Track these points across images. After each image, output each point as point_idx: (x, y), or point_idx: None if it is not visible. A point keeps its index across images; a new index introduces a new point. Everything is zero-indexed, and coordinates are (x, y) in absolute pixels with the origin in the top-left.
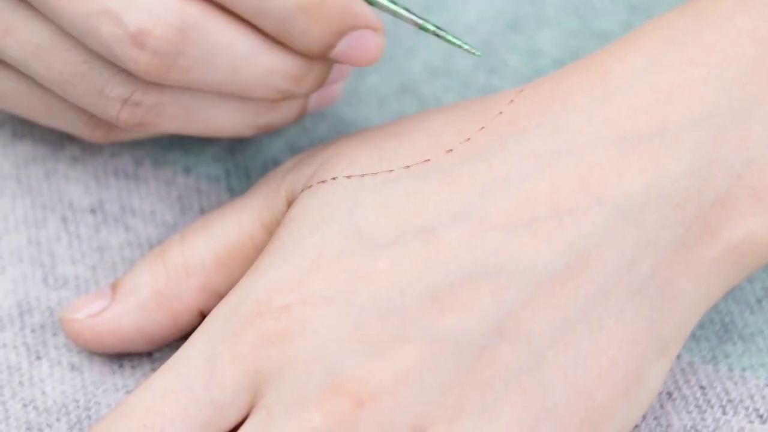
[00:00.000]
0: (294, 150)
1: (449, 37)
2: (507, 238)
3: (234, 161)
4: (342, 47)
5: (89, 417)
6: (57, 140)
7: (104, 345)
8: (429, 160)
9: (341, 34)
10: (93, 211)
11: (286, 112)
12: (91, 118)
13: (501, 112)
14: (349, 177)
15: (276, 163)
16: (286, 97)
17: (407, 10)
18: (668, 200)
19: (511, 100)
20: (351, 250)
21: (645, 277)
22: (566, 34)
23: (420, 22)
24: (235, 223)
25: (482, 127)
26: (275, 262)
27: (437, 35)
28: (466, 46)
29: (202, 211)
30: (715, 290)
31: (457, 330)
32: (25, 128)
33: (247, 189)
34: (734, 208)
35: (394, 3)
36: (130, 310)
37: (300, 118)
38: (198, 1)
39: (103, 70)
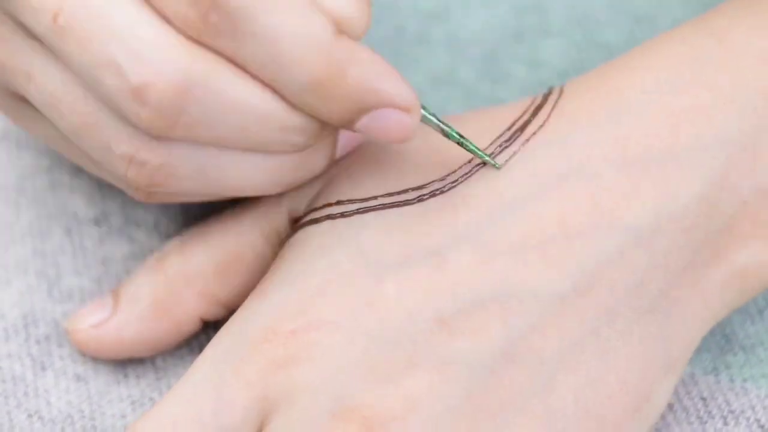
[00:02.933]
0: None
1: (471, 146)
2: (515, 261)
3: None
4: (363, 123)
5: (94, 427)
6: None
7: (108, 353)
8: (434, 181)
9: (361, 112)
10: (97, 222)
11: (313, 166)
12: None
13: (508, 129)
14: (353, 200)
15: None
16: (303, 149)
17: (435, 116)
18: (678, 225)
19: (518, 118)
20: (357, 274)
21: (653, 299)
22: (570, 45)
23: (446, 129)
24: (235, 232)
25: (487, 147)
26: (281, 286)
27: (461, 144)
28: (487, 157)
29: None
30: (719, 311)
31: (467, 354)
32: (29, 139)
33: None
34: (739, 234)
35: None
36: (132, 319)
37: (329, 167)
38: (207, 56)
39: (110, 125)
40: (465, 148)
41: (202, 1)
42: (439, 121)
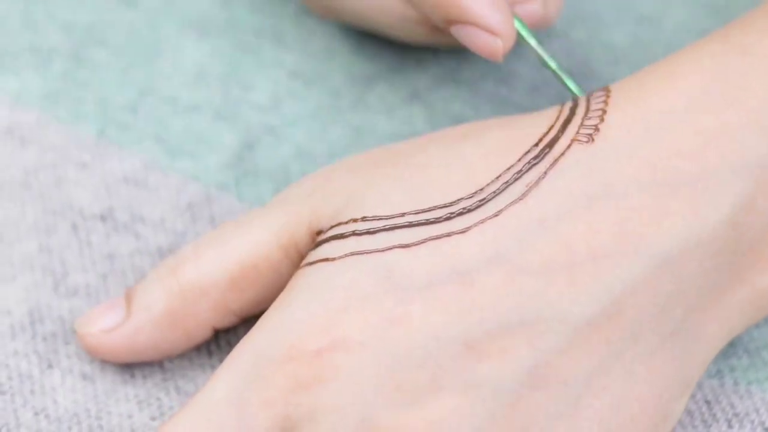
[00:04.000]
0: (304, 156)
1: (567, 80)
2: (543, 284)
3: (243, 168)
4: (455, 30)
5: (100, 426)
6: (66, 146)
7: (118, 358)
8: (462, 199)
9: (450, 23)
10: (103, 218)
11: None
12: None
13: (536, 145)
14: (379, 216)
15: (286, 169)
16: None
17: (537, 42)
18: (705, 249)
19: (546, 133)
20: (383, 293)
21: (677, 322)
22: (574, 45)
23: (545, 57)
24: (252, 242)
25: (512, 165)
26: (304, 302)
27: (556, 74)
28: (579, 92)
29: (213, 219)
30: (737, 328)
31: (493, 378)
32: (34, 135)
33: (257, 196)
34: (761, 256)
35: (527, 31)
36: (145, 327)
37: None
38: None
39: None
40: (559, 79)
41: None
42: (539, 46)
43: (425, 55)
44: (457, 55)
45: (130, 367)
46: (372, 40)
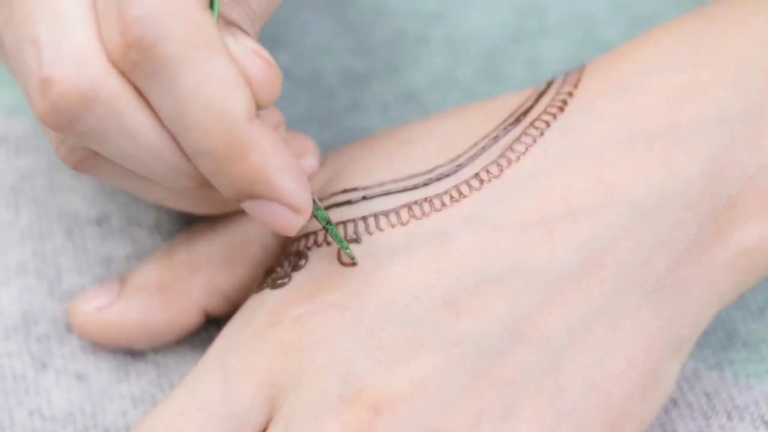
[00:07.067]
0: None
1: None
2: (520, 240)
3: None
4: (248, 205)
5: (95, 425)
6: None
7: (108, 338)
8: (439, 166)
9: (249, 196)
10: (99, 222)
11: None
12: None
13: (512, 114)
14: (358, 188)
15: None
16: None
17: (327, 218)
18: (682, 200)
19: (522, 104)
20: (362, 258)
21: (659, 276)
22: (568, 44)
23: (331, 231)
24: (242, 224)
25: (489, 133)
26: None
27: (334, 236)
28: (349, 251)
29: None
30: (727, 292)
31: (473, 334)
32: (28, 141)
33: None
34: (744, 211)
35: (321, 210)
36: (135, 304)
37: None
38: (121, 80)
39: None
40: (339, 243)
41: (129, 32)
42: (329, 223)
43: (419, 55)
44: (452, 55)
45: (125, 365)
46: (367, 38)
